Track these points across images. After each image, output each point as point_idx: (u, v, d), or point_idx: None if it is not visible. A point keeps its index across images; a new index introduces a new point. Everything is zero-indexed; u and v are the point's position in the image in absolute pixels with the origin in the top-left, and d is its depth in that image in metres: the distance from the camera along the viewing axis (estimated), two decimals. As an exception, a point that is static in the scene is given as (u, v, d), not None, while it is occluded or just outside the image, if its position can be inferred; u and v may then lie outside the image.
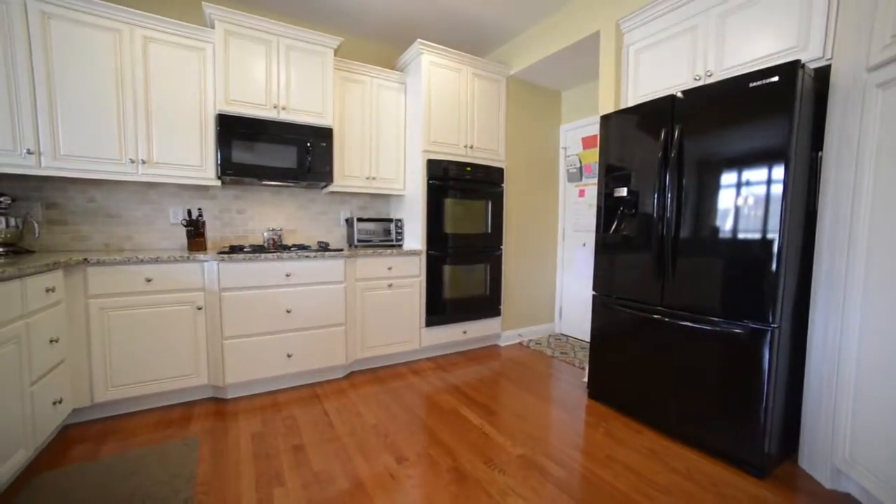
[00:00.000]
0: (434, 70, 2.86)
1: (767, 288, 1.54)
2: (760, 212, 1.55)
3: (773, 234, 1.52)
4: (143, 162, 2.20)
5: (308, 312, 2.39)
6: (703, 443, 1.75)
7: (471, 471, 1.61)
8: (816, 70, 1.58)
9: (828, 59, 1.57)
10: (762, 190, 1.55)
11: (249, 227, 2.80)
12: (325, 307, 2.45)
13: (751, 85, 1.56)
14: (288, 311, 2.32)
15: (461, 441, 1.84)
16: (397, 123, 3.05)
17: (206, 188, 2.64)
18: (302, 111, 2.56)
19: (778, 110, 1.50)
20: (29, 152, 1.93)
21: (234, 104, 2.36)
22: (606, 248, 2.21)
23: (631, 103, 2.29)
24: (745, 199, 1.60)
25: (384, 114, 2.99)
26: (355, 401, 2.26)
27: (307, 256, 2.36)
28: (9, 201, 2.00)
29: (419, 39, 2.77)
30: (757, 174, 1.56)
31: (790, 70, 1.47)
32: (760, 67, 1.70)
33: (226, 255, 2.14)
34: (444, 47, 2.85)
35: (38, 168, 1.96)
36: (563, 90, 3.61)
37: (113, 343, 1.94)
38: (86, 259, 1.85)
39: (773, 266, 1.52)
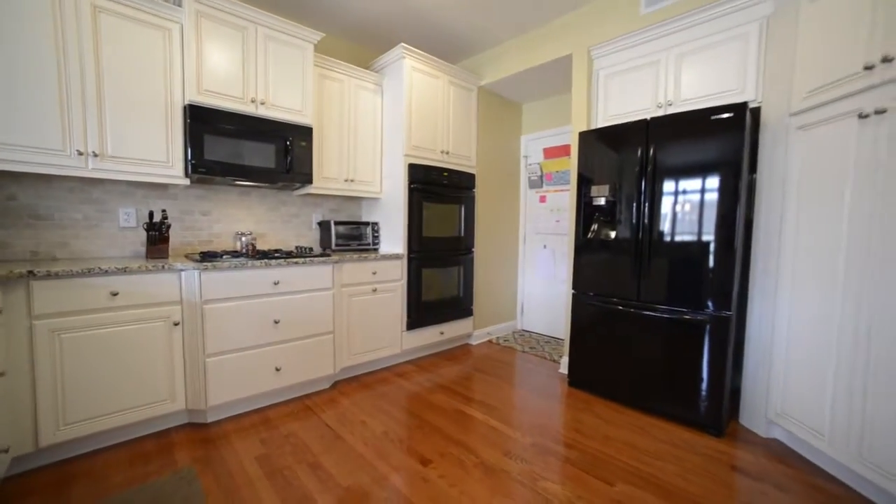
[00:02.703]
0: (415, 75, 2.88)
1: (726, 282, 1.91)
2: (719, 219, 1.91)
3: (731, 238, 1.89)
4: (95, 155, 1.86)
5: (297, 322, 2.24)
6: (675, 415, 2.09)
7: (496, 463, 1.71)
8: (751, 110, 2.00)
9: (759, 102, 1.99)
10: (720, 201, 1.91)
11: (215, 230, 2.52)
12: (314, 316, 2.33)
13: (712, 117, 1.92)
14: (276, 322, 2.16)
15: (474, 437, 1.93)
16: (374, 125, 3.00)
17: (164, 187, 2.31)
18: (281, 107, 2.39)
19: (732, 138, 1.86)
20: (-64, 137, 1.52)
21: (208, 95, 2.11)
22: (584, 251, 2.48)
23: (601, 121, 2.60)
24: (707, 208, 1.95)
25: (361, 115, 2.91)
26: (353, 410, 2.19)
27: (296, 263, 2.22)
28: None
29: (402, 44, 2.76)
30: (715, 188, 1.92)
31: (741, 109, 1.84)
32: (712, 101, 2.10)
33: (208, 264, 1.92)
34: (424, 53, 2.89)
35: (-52, 157, 1.55)
36: (523, 103, 3.88)
37: (66, 372, 1.62)
38: (30, 271, 1.52)
39: (730, 262, 1.89)
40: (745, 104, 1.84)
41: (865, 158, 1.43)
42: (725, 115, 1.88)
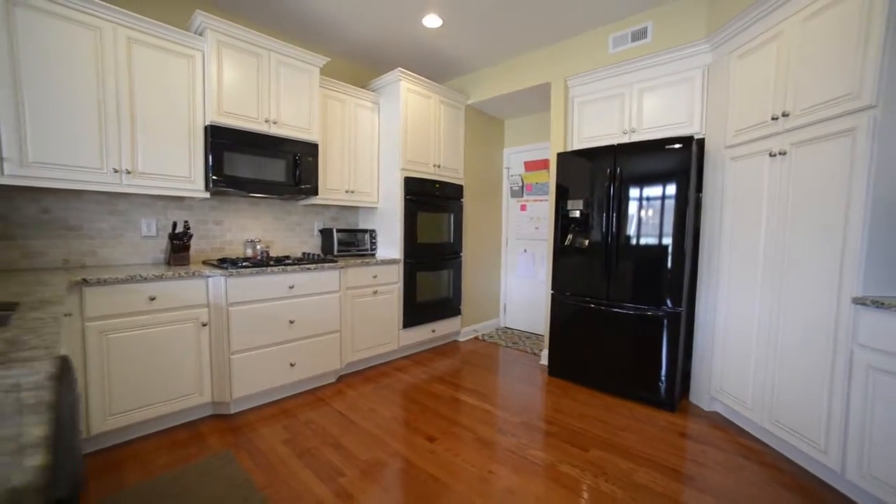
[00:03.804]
0: (410, 96, 3.16)
1: (677, 283, 2.31)
2: (672, 229, 2.31)
3: (681, 245, 2.29)
4: (128, 172, 2.04)
5: (309, 322, 2.49)
6: (637, 396, 2.47)
7: (491, 438, 2.03)
8: (698, 140, 2.41)
9: (704, 134, 2.40)
10: (672, 215, 2.30)
11: (227, 238, 2.71)
12: (323, 316, 2.57)
13: (666, 147, 2.31)
14: (291, 322, 2.39)
15: (470, 419, 2.24)
16: (371, 141, 3.26)
17: (181, 199, 2.49)
18: (291, 126, 2.62)
19: (683, 164, 2.26)
20: (-8, 158, 1.68)
21: (227, 116, 2.33)
22: (561, 256, 2.84)
23: (577, 143, 2.97)
24: (663, 220, 2.35)
25: (361, 131, 3.17)
26: (360, 400, 2.46)
27: (308, 269, 2.46)
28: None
29: (399, 68, 3.04)
30: (670, 204, 2.32)
31: (688, 141, 2.24)
32: (667, 131, 2.50)
33: (233, 270, 2.14)
34: (418, 76, 3.18)
35: (0, 176, 1.71)
36: (505, 119, 4.24)
37: (112, 368, 1.81)
38: (84, 279, 1.71)
39: (681, 267, 2.29)
40: (691, 137, 2.24)
41: (774, 187, 1.85)
42: (676, 146, 2.28)
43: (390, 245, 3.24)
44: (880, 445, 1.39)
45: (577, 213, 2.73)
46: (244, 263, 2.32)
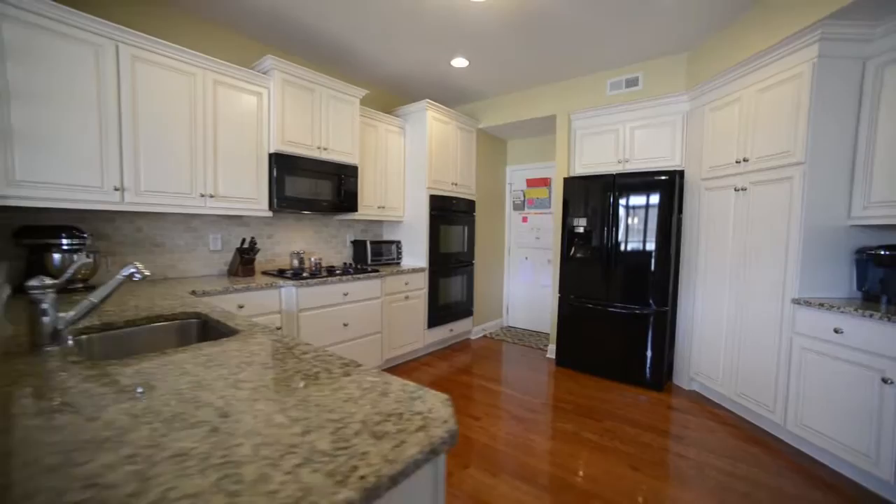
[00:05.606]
0: (434, 123, 3.59)
1: (662, 287, 2.87)
2: (657, 243, 2.87)
3: (667, 256, 2.85)
4: (211, 196, 2.36)
5: (358, 324, 2.86)
6: (632, 380, 3.02)
7: (522, 415, 2.49)
8: (679, 172, 2.98)
9: (683, 167, 2.98)
10: (657, 232, 2.86)
11: (276, 250, 3.04)
12: (369, 318, 2.96)
13: (655, 178, 2.87)
14: (345, 325, 2.77)
15: (501, 401, 2.70)
16: (398, 162, 3.66)
17: (240, 217, 2.80)
18: (337, 151, 2.99)
19: (668, 192, 2.82)
20: (115, 189, 1.97)
21: (288, 144, 2.67)
22: (567, 265, 3.35)
23: (578, 168, 3.49)
24: (651, 236, 2.90)
25: (390, 154, 3.56)
26: (403, 390, 2.86)
27: (358, 278, 2.84)
28: (88, 237, 1.96)
29: (427, 99, 3.46)
30: (656, 222, 2.87)
31: (673, 174, 2.81)
32: (654, 162, 3.06)
33: (302, 281, 2.49)
34: (440, 105, 3.61)
35: (121, 203, 2.01)
36: (508, 140, 4.74)
37: (211, 366, 2.13)
38: (193, 291, 2.03)
39: (666, 274, 2.85)
40: (675, 171, 2.81)
41: (738, 214, 2.43)
42: (664, 177, 2.84)
43: (415, 255, 3.65)
44: (809, 401, 1.97)
45: (580, 229, 3.25)
46: (305, 274, 2.67)
